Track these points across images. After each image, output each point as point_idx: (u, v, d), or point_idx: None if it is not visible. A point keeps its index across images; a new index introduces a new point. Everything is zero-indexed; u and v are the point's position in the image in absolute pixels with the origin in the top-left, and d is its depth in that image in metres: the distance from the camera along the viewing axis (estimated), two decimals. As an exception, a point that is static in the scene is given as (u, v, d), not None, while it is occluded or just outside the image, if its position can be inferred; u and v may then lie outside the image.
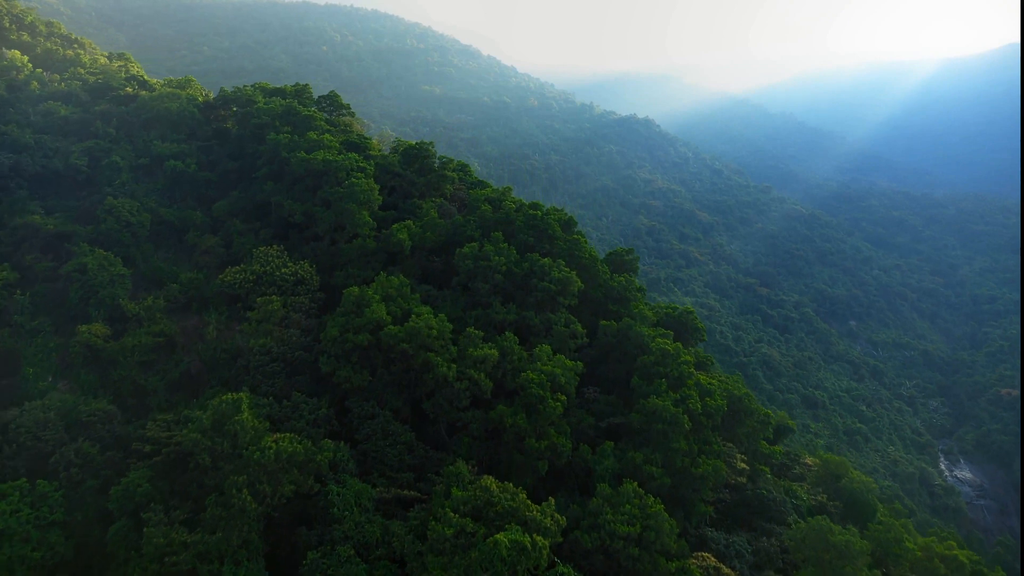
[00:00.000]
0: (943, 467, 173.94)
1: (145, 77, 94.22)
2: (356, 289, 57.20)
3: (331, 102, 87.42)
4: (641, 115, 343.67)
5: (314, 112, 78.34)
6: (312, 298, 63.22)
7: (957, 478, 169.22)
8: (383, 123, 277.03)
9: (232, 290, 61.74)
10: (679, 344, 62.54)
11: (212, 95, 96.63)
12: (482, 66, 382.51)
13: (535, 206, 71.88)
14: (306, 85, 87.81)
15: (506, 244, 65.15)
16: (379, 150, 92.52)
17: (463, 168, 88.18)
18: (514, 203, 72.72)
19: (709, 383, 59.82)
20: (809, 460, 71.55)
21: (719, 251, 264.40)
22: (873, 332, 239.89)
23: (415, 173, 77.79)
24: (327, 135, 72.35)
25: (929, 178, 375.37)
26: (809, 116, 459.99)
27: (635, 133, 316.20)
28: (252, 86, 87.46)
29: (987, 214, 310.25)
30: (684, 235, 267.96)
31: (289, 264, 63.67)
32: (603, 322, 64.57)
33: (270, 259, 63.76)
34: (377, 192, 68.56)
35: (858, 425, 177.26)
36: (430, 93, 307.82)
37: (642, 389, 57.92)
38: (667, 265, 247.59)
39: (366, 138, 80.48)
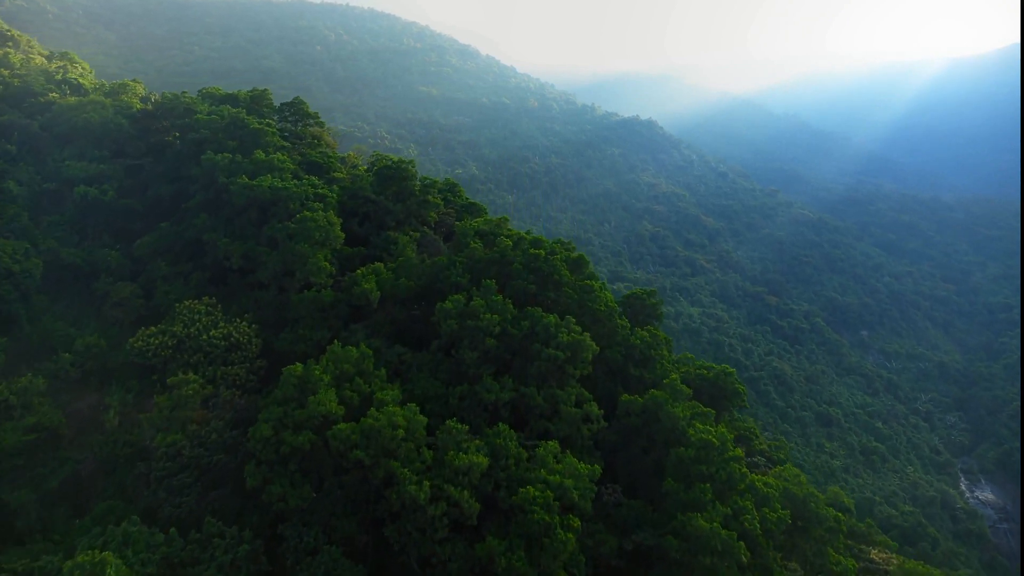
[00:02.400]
0: (963, 487, 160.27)
1: (81, 81, 78.01)
2: (299, 367, 41.52)
3: (295, 110, 71.45)
4: (643, 116, 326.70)
5: (266, 125, 62.26)
6: (250, 368, 47.57)
7: (979, 499, 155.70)
8: (378, 125, 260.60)
9: (144, 359, 46.15)
10: (723, 429, 46.84)
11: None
12: (480, 66, 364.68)
13: (537, 243, 55.97)
14: (264, 90, 71.78)
15: (500, 296, 49.30)
16: (352, 168, 76.65)
17: (451, 188, 72.25)
18: (510, 237, 56.79)
19: (766, 486, 44.24)
20: (876, 554, 56.02)
21: (725, 258, 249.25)
22: (885, 342, 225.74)
23: (391, 198, 61.95)
24: (279, 154, 56.44)
25: (934, 180, 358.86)
26: (812, 117, 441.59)
27: (637, 135, 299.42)
28: (200, 92, 71.41)
29: (999, 218, 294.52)
30: (689, 241, 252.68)
31: (222, 324, 47.94)
32: (624, 396, 48.91)
33: (197, 316, 48.04)
34: (339, 227, 52.72)
35: (875, 444, 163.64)
36: (427, 94, 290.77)
37: (679, 497, 42.35)
38: (672, 273, 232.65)
39: (330, 156, 64.53)
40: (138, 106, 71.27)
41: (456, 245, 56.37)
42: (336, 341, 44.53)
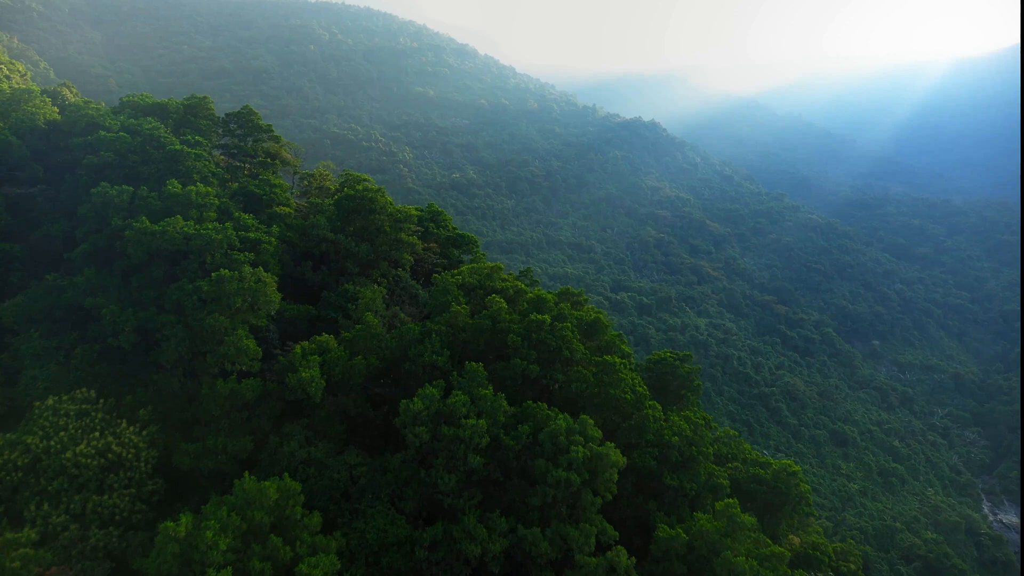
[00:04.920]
0: (986, 510, 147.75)
1: (-12, 84, 62.70)
2: (183, 524, 26.81)
3: (242, 122, 56.19)
4: (645, 117, 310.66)
5: (187, 144, 47.00)
6: (138, 493, 32.91)
7: (1002, 523, 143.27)
8: (373, 127, 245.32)
9: (-17, 487, 31.62)
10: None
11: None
12: (479, 66, 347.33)
13: (539, 302, 41.01)
14: (204, 98, 56.39)
15: (490, 389, 34.47)
16: (318, 189, 61.69)
17: (434, 216, 57.15)
18: (505, 297, 41.96)
19: None
20: None
21: (732, 265, 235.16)
22: (899, 353, 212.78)
23: (354, 236, 47.12)
24: (199, 185, 41.45)
25: (943, 182, 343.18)
26: (816, 119, 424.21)
27: (640, 137, 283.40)
28: (121, 100, 55.93)
29: (1012, 223, 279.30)
30: (695, 248, 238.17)
31: (98, 432, 33.25)
32: (662, 529, 34.17)
33: (64, 421, 33.36)
34: (275, 286, 37.88)
35: (893, 465, 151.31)
36: (423, 95, 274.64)
37: None
38: (677, 282, 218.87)
39: (274, 185, 48.90)
40: (49, 118, 56.08)
41: (434, 305, 41.52)
42: (247, 474, 29.60)
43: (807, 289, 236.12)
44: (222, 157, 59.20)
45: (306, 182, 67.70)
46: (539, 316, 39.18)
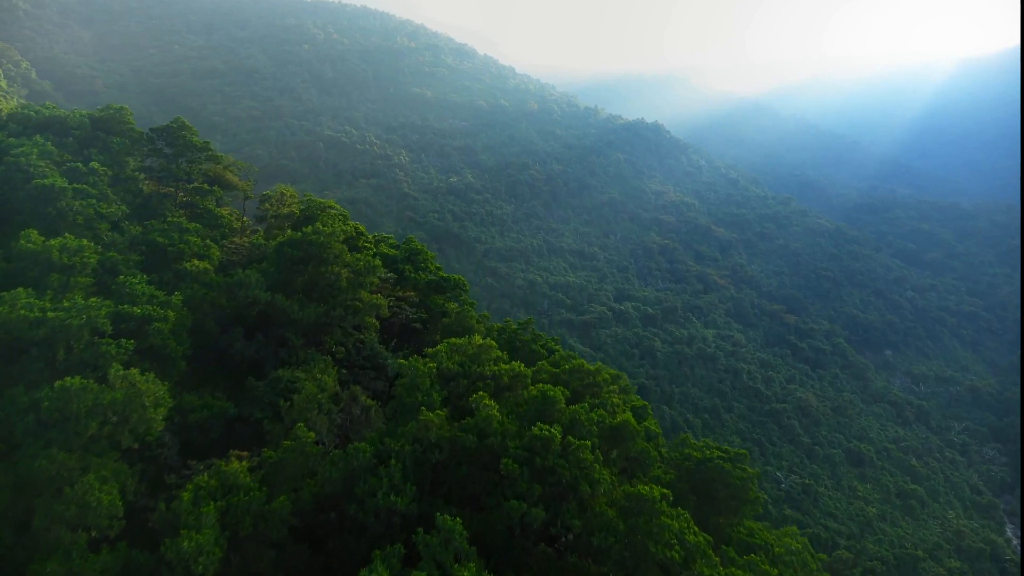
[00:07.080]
0: (1009, 533, 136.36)
1: None
2: None
3: (172, 139, 42.77)
4: (647, 119, 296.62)
5: (74, 175, 33.81)
6: None
7: None
8: (368, 129, 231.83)
9: None
10: None
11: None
12: (478, 66, 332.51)
13: (544, 406, 27.83)
14: (120, 109, 42.75)
15: (471, 566, 21.52)
16: (274, 217, 48.72)
17: (412, 256, 43.97)
18: (497, 385, 28.94)
19: None
20: None
21: (739, 272, 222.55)
22: (912, 363, 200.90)
23: (301, 293, 34.18)
24: (68, 237, 28.04)
25: (950, 185, 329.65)
26: (819, 120, 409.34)
27: (643, 140, 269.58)
28: (9, 114, 42.70)
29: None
30: (700, 254, 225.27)
31: None
32: None
33: None
34: (162, 392, 24.87)
35: (911, 486, 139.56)
36: (421, 96, 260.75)
37: None
38: (683, 290, 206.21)
39: (186, 230, 34.46)
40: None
41: (398, 407, 28.47)
42: None
43: (816, 297, 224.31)
44: (150, 183, 46.01)
45: (266, 205, 54.68)
46: (545, 430, 25.99)
